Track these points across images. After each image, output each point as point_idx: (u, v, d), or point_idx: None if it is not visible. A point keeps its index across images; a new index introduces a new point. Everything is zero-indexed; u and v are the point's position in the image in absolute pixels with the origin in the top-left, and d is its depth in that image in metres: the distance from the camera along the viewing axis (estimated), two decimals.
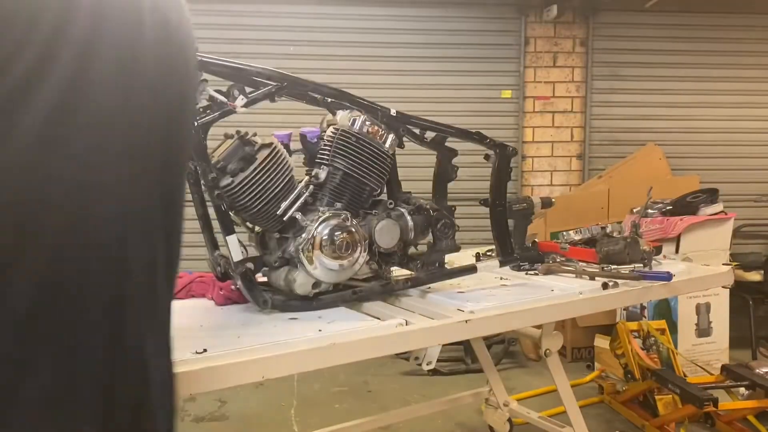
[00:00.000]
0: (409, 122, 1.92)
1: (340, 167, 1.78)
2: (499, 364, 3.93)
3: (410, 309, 1.79)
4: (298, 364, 1.41)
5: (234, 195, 1.65)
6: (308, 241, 1.67)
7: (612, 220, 4.04)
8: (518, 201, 2.27)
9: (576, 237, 2.38)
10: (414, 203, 1.92)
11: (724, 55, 4.97)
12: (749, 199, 5.02)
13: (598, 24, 4.89)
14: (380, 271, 1.87)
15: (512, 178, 2.23)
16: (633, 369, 3.14)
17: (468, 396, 2.89)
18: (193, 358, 1.32)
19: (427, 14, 4.75)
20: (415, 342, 1.61)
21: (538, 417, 2.64)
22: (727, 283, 2.33)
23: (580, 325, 4.03)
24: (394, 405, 3.40)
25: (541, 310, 1.83)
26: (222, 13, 4.54)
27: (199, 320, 1.66)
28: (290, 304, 1.71)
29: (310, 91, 1.81)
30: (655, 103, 4.95)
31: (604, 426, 3.17)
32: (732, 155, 5.03)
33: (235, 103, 1.66)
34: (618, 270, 2.13)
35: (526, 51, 4.85)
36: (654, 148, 4.73)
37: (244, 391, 3.61)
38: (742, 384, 2.97)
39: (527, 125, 4.92)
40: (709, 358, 3.71)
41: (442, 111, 4.61)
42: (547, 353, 2.25)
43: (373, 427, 2.67)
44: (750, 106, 5.02)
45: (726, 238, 3.75)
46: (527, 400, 3.38)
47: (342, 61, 4.66)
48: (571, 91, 4.94)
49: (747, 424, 2.93)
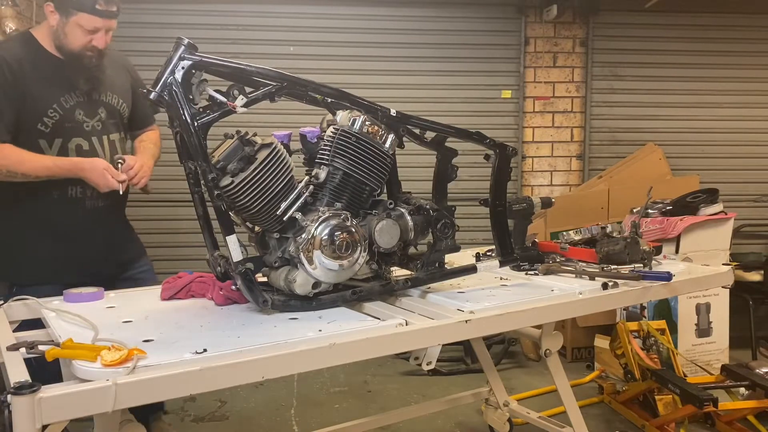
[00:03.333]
0: (409, 122, 1.92)
1: (340, 167, 1.78)
2: (499, 364, 3.93)
3: (410, 309, 1.79)
4: (298, 364, 1.41)
5: (234, 195, 1.65)
6: (308, 241, 1.67)
7: (612, 220, 4.04)
8: (518, 201, 2.27)
9: (576, 237, 2.38)
10: (414, 203, 1.92)
11: (724, 55, 4.96)
12: (749, 199, 5.02)
13: (598, 24, 4.89)
14: (380, 271, 1.87)
15: (512, 178, 2.22)
16: (633, 369, 3.14)
17: (468, 396, 2.89)
18: (193, 358, 1.32)
19: (426, 14, 4.74)
20: (415, 342, 1.61)
21: (538, 417, 2.64)
22: (727, 283, 2.33)
23: (580, 325, 4.03)
24: (394, 405, 3.40)
25: (541, 310, 1.83)
26: (222, 13, 4.53)
27: (199, 320, 1.66)
28: (290, 304, 1.72)
29: (310, 91, 1.81)
30: (655, 103, 4.95)
31: (604, 426, 3.17)
32: (732, 155, 5.02)
33: (235, 103, 1.66)
34: (618, 270, 2.13)
35: (526, 51, 4.85)
36: (654, 148, 4.73)
37: (244, 391, 3.61)
38: (742, 384, 2.97)
39: (527, 125, 4.92)
40: (709, 358, 3.71)
41: (442, 111, 4.61)
42: (547, 353, 2.25)
43: (373, 427, 2.67)
44: (750, 106, 5.01)
45: (726, 238, 3.75)
46: (527, 400, 3.39)
47: (342, 61, 4.66)
48: (571, 91, 4.93)
49: (747, 424, 2.94)
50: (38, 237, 2.26)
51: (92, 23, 2.14)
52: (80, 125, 2.25)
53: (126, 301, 1.88)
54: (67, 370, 1.31)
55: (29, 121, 2.16)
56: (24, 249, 2.28)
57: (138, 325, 1.61)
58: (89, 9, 2.12)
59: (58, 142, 2.21)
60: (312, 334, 1.50)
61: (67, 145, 2.22)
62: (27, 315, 1.82)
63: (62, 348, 1.30)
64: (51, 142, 2.20)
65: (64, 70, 2.22)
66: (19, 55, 2.16)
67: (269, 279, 1.81)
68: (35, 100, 2.16)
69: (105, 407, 1.16)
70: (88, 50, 2.19)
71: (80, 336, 1.41)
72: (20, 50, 2.19)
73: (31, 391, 1.11)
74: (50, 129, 2.19)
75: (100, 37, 2.18)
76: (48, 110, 2.18)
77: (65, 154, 2.22)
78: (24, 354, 1.38)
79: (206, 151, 1.63)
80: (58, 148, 2.21)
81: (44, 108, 2.17)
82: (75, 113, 2.23)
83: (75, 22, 2.14)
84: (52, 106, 2.18)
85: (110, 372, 1.22)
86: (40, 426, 1.12)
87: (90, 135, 2.27)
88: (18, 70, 2.13)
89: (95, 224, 2.32)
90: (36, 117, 2.16)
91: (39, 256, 2.27)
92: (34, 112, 2.16)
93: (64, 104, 2.21)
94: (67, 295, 1.87)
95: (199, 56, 1.63)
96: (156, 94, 1.59)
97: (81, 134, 2.25)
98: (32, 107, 2.15)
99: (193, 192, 1.72)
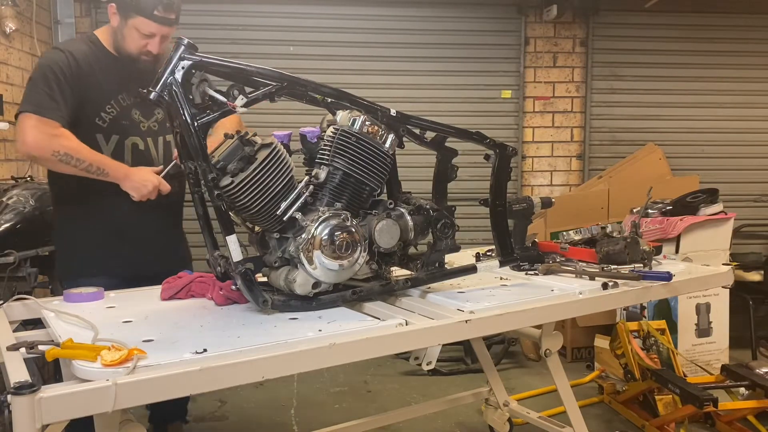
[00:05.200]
0: (409, 122, 1.92)
1: (340, 167, 1.78)
2: (499, 364, 3.93)
3: (410, 309, 1.79)
4: (298, 364, 1.40)
5: (234, 195, 1.65)
6: (308, 241, 1.67)
7: (612, 220, 4.05)
8: (518, 201, 2.27)
9: (576, 237, 2.38)
10: (414, 203, 1.92)
11: (724, 55, 4.96)
12: (749, 199, 5.02)
13: (598, 24, 4.89)
14: (380, 271, 1.87)
15: (512, 178, 2.22)
16: (633, 369, 3.14)
17: (468, 396, 2.88)
18: (193, 358, 1.32)
19: (426, 14, 4.75)
20: (415, 342, 1.61)
21: (538, 417, 2.64)
22: (727, 283, 2.33)
23: (580, 325, 4.03)
24: (394, 405, 3.40)
25: (541, 310, 1.83)
26: (222, 13, 4.54)
27: (199, 320, 1.66)
28: (290, 304, 1.71)
29: (310, 91, 1.81)
30: (655, 103, 4.95)
31: (604, 426, 3.18)
32: (732, 155, 5.02)
33: (235, 103, 1.66)
34: (618, 270, 2.13)
35: (526, 51, 4.85)
36: (654, 148, 4.73)
37: (244, 391, 3.61)
38: (742, 384, 2.97)
39: (527, 125, 4.92)
40: (709, 358, 3.71)
41: (442, 111, 4.61)
42: (547, 353, 2.25)
43: (373, 427, 2.67)
44: (750, 106, 5.02)
45: (726, 238, 3.75)
46: (527, 400, 3.39)
47: (342, 61, 4.66)
48: (571, 91, 4.94)
49: (747, 424, 2.94)
50: (91, 232, 2.29)
51: (148, 28, 2.19)
52: (137, 124, 2.30)
53: (126, 301, 1.88)
54: (67, 370, 1.31)
55: (89, 115, 2.21)
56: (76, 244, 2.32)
57: (138, 325, 1.61)
58: (147, 14, 2.17)
59: (115, 138, 2.26)
60: (312, 334, 1.50)
61: (124, 142, 2.27)
62: (27, 315, 1.82)
63: (62, 348, 1.30)
64: (108, 137, 2.25)
65: (123, 70, 2.26)
66: (84, 52, 2.23)
67: (269, 279, 1.81)
68: (95, 94, 2.22)
69: (105, 407, 1.16)
70: (144, 54, 2.24)
71: (80, 336, 1.41)
72: (84, 47, 2.25)
73: (31, 391, 1.11)
74: (107, 124, 2.24)
75: (155, 42, 2.22)
76: (106, 106, 2.23)
77: (121, 151, 2.27)
78: (24, 354, 1.38)
79: (206, 151, 1.63)
80: (115, 144, 2.26)
81: (103, 103, 2.23)
82: (131, 112, 2.29)
83: (132, 25, 2.19)
84: (110, 102, 2.24)
85: (110, 372, 1.22)
86: (40, 426, 1.12)
87: (146, 135, 2.32)
88: (83, 65, 2.19)
89: (149, 224, 2.33)
90: (95, 111, 2.22)
91: (90, 251, 2.30)
92: (93, 106, 2.21)
93: (122, 102, 2.27)
94: (67, 295, 1.87)
95: (199, 56, 1.63)
96: (156, 94, 1.59)
97: (137, 133, 2.30)
98: (92, 101, 2.21)
99: (193, 192, 1.71)
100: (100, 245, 2.30)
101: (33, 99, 2.12)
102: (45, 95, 2.12)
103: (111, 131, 2.25)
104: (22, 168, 3.75)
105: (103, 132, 2.24)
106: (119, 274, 2.24)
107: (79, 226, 2.32)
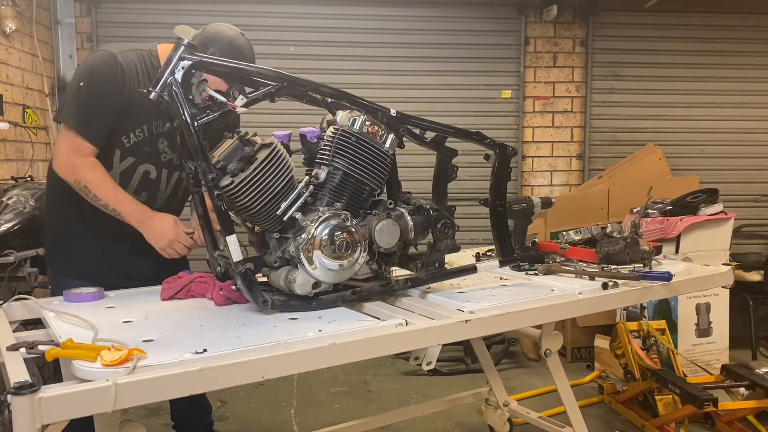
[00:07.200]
0: (409, 122, 1.92)
1: (340, 167, 1.78)
2: (499, 364, 3.93)
3: (410, 309, 1.79)
4: (298, 364, 1.40)
5: (234, 195, 1.65)
6: (308, 241, 1.67)
7: (612, 220, 4.05)
8: (518, 201, 2.27)
9: (576, 237, 2.37)
10: (414, 203, 1.92)
11: (724, 55, 4.96)
12: (749, 199, 5.02)
13: (598, 24, 4.89)
14: (380, 271, 1.87)
15: (512, 178, 2.22)
16: (633, 369, 3.14)
17: (468, 396, 2.89)
18: (193, 358, 1.32)
19: (426, 14, 4.75)
20: (415, 342, 1.60)
21: (538, 417, 2.64)
22: (727, 283, 2.33)
23: (580, 325, 4.03)
24: (394, 405, 3.40)
25: (541, 310, 1.83)
26: (222, 14, 4.53)
27: (199, 320, 1.66)
28: (290, 304, 1.71)
29: (310, 91, 1.81)
30: (655, 103, 4.95)
31: (604, 426, 3.18)
32: (732, 155, 5.03)
33: (235, 103, 1.66)
34: (618, 270, 2.13)
35: (526, 51, 4.85)
36: (654, 148, 4.73)
37: (244, 391, 3.61)
38: (742, 384, 2.97)
39: (527, 125, 4.92)
40: (709, 358, 3.71)
41: (442, 111, 4.61)
42: (547, 353, 2.25)
43: (373, 427, 2.67)
44: (750, 106, 5.02)
45: (726, 238, 3.75)
46: (527, 400, 3.39)
47: (342, 62, 4.66)
48: (571, 91, 4.94)
49: (747, 424, 2.94)
50: (91, 237, 2.21)
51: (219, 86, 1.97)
52: (158, 154, 2.17)
53: (126, 301, 1.88)
54: (67, 370, 1.31)
55: (119, 131, 2.10)
56: (74, 245, 2.23)
57: (138, 325, 1.61)
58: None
59: (130, 160, 2.14)
60: (312, 334, 1.50)
61: (137, 167, 2.15)
62: (27, 315, 1.82)
63: (62, 348, 1.30)
64: (124, 157, 2.13)
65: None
66: (135, 65, 2.08)
67: (269, 279, 1.81)
68: (131, 116, 2.09)
69: (105, 407, 1.16)
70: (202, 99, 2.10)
71: (80, 336, 1.41)
72: (137, 61, 2.10)
73: (31, 391, 1.11)
74: (130, 146, 2.12)
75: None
76: (137, 129, 2.11)
77: (131, 174, 2.15)
78: (24, 354, 1.38)
79: (206, 151, 1.63)
80: (127, 165, 2.14)
81: (134, 126, 2.11)
82: (158, 141, 2.16)
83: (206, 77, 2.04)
84: (141, 127, 2.12)
85: (110, 372, 1.22)
86: (40, 426, 1.12)
87: (162, 166, 2.19)
88: (130, 79, 2.05)
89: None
90: (124, 130, 2.10)
91: (86, 254, 2.22)
92: (125, 126, 2.09)
93: (153, 129, 2.14)
94: (68, 295, 1.87)
95: (199, 56, 1.63)
96: (156, 94, 1.59)
97: (154, 162, 2.17)
98: (127, 120, 2.09)
99: (193, 192, 1.72)
100: (89, 239, 2.21)
101: (78, 110, 2.02)
102: (91, 110, 2.02)
103: (130, 153, 2.13)
104: (22, 168, 3.75)
105: (122, 151, 2.12)
106: (114, 271, 2.16)
107: (73, 219, 2.22)
